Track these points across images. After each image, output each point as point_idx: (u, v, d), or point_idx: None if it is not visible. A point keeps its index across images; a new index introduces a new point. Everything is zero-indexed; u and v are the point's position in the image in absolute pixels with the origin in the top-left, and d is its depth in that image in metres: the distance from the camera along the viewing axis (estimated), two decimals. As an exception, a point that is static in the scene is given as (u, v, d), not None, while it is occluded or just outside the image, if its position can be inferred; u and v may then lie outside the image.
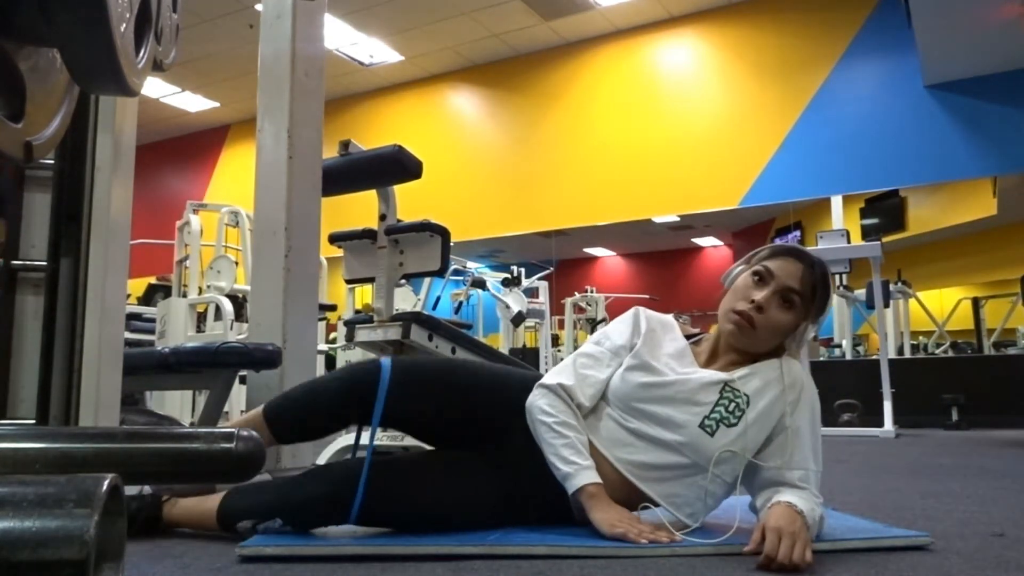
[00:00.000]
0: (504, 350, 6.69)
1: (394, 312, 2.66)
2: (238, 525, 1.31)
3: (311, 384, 1.50)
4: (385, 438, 2.47)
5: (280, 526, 1.29)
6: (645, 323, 1.44)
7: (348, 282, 3.04)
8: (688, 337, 1.45)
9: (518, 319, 6.86)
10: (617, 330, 1.46)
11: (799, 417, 1.33)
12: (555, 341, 8.38)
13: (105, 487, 0.54)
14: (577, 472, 1.28)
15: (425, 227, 2.62)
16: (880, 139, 6.54)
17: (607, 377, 1.40)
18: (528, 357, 7.80)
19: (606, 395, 1.39)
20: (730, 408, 1.31)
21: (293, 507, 1.28)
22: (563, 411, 1.34)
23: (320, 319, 5.26)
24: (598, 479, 1.28)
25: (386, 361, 1.41)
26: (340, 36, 7.86)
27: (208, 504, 1.37)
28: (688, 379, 1.34)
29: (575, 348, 2.52)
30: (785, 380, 1.34)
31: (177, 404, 4.35)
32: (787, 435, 1.31)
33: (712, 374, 1.35)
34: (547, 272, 8.40)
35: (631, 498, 1.31)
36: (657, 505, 1.31)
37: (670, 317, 1.49)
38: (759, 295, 1.33)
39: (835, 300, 6.79)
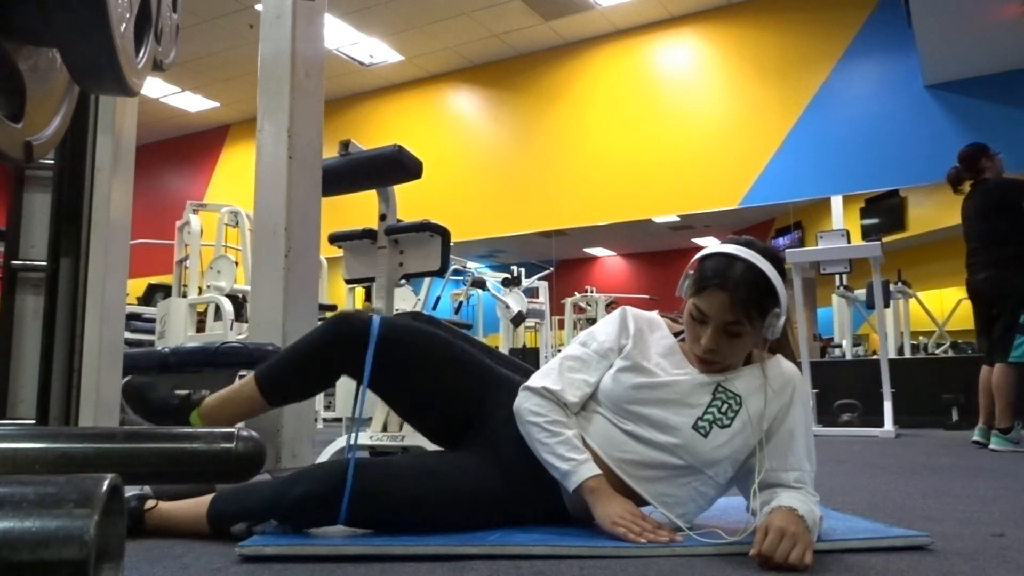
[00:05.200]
0: (504, 350, 6.69)
1: (394, 312, 2.66)
2: (233, 529, 1.31)
3: (300, 344, 1.49)
4: (385, 438, 2.47)
5: (275, 527, 1.29)
6: (633, 323, 1.42)
7: (348, 282, 3.04)
8: (676, 335, 1.44)
9: (518, 319, 6.86)
10: (604, 331, 1.43)
11: (792, 418, 1.32)
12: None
13: (105, 487, 0.54)
14: (576, 468, 1.27)
15: (425, 227, 2.62)
16: (880, 139, 6.54)
17: (596, 380, 1.38)
18: (528, 357, 7.80)
19: (596, 395, 1.38)
20: (723, 409, 1.31)
21: (283, 508, 1.28)
22: (552, 410, 1.33)
23: (320, 319, 5.25)
24: (597, 471, 1.28)
25: (375, 317, 1.42)
26: (340, 36, 7.86)
27: (196, 508, 1.35)
28: (680, 380, 1.33)
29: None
30: (777, 381, 1.34)
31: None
32: (781, 436, 1.31)
33: (704, 375, 1.34)
34: (547, 272, 8.40)
35: (624, 496, 1.30)
36: (647, 504, 1.31)
37: (656, 315, 1.47)
38: (704, 338, 1.31)
39: (835, 300, 6.80)
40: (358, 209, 3.40)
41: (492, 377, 1.46)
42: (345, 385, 5.24)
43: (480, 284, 6.94)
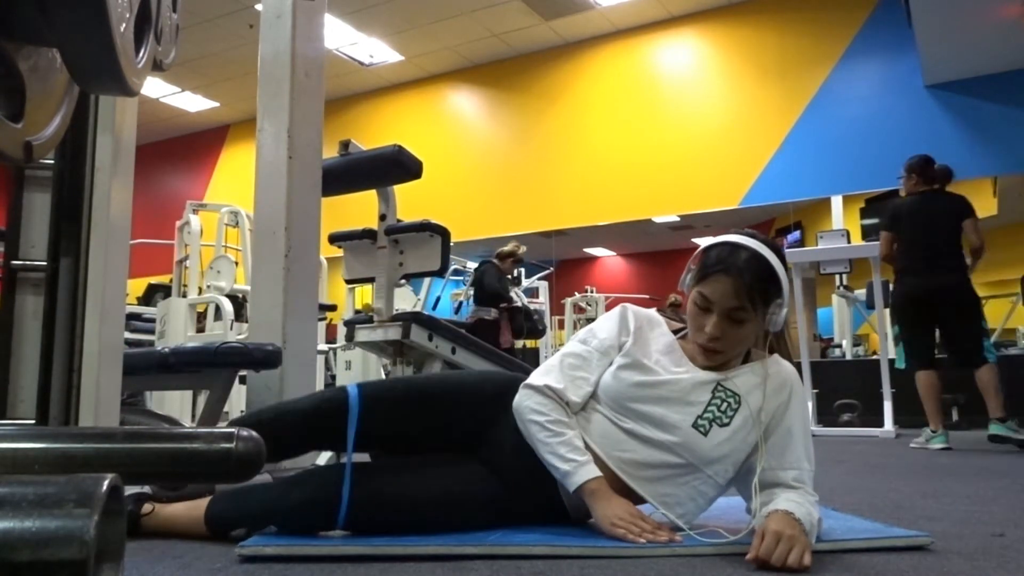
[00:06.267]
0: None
1: (394, 312, 2.66)
2: (232, 533, 1.31)
3: (280, 409, 1.44)
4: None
5: (275, 531, 1.29)
6: (633, 320, 1.42)
7: (348, 282, 3.05)
8: (675, 332, 1.44)
9: (518, 319, 6.85)
10: (605, 328, 1.43)
11: (790, 417, 1.32)
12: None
13: (105, 487, 0.54)
14: (576, 469, 1.27)
15: (425, 227, 2.62)
16: (880, 139, 6.54)
17: (597, 378, 1.38)
18: (528, 357, 7.80)
19: (596, 393, 1.38)
20: (722, 408, 1.31)
21: (282, 513, 1.27)
22: (554, 409, 1.33)
23: (320, 319, 5.26)
24: (598, 473, 1.28)
25: (352, 387, 1.38)
26: (340, 36, 7.86)
27: (194, 511, 1.35)
28: (680, 379, 1.33)
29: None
30: (776, 380, 1.34)
31: (177, 404, 4.35)
32: (780, 435, 1.31)
33: (704, 374, 1.34)
34: (547, 272, 8.41)
35: (624, 496, 1.30)
36: (646, 504, 1.31)
37: (655, 312, 1.47)
38: (708, 325, 1.32)
39: (835, 300, 6.80)
40: (358, 209, 3.40)
41: (493, 389, 1.45)
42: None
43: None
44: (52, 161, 1.19)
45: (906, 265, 4.03)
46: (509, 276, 6.08)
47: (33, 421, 1.15)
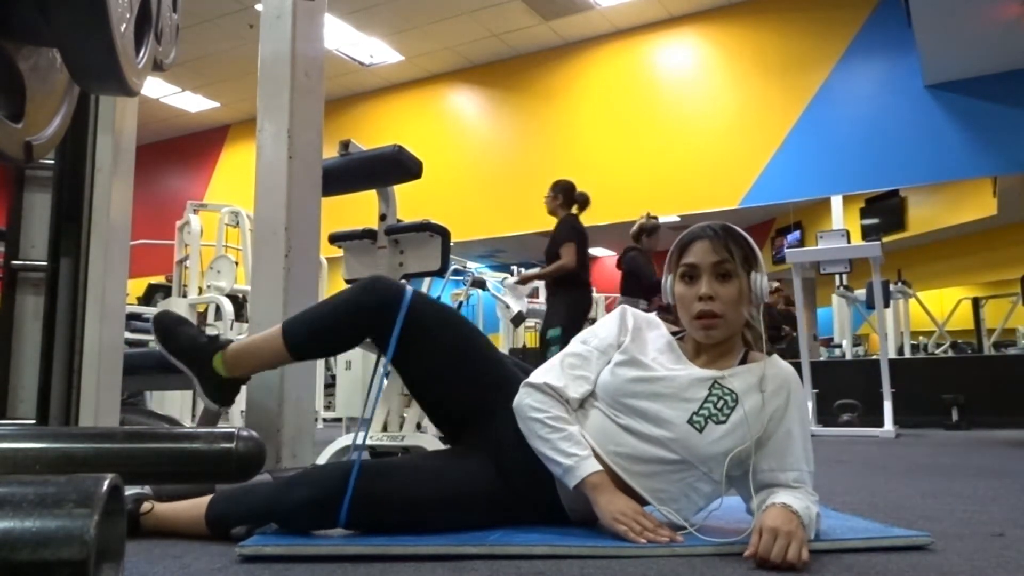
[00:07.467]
0: (504, 350, 6.69)
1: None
2: (232, 532, 1.31)
3: (331, 304, 1.49)
4: (385, 438, 2.47)
5: (275, 530, 1.29)
6: (632, 320, 1.45)
7: (348, 282, 3.04)
8: (674, 334, 1.46)
9: (518, 319, 6.85)
10: (604, 328, 1.46)
11: (789, 418, 1.32)
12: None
13: (105, 487, 0.54)
14: (578, 464, 1.27)
15: (425, 227, 2.61)
16: (880, 139, 6.54)
17: (596, 375, 1.40)
18: (528, 357, 7.80)
19: (594, 390, 1.39)
20: (719, 405, 1.31)
21: (282, 511, 1.28)
22: (554, 406, 1.34)
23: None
24: (599, 467, 1.28)
25: (409, 287, 1.44)
26: (340, 36, 7.86)
27: (195, 510, 1.35)
28: (677, 375, 1.34)
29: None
30: (774, 381, 1.34)
31: (177, 404, 4.35)
32: (779, 437, 1.31)
33: (701, 371, 1.35)
34: (547, 272, 8.37)
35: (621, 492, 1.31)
36: (646, 503, 1.31)
37: (654, 315, 1.50)
38: (702, 288, 1.36)
39: (835, 300, 6.80)
40: (358, 209, 3.40)
41: (502, 373, 1.47)
42: (346, 385, 5.23)
43: (480, 284, 6.93)
44: (52, 161, 1.20)
45: (587, 279, 4.76)
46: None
47: (33, 421, 1.15)
